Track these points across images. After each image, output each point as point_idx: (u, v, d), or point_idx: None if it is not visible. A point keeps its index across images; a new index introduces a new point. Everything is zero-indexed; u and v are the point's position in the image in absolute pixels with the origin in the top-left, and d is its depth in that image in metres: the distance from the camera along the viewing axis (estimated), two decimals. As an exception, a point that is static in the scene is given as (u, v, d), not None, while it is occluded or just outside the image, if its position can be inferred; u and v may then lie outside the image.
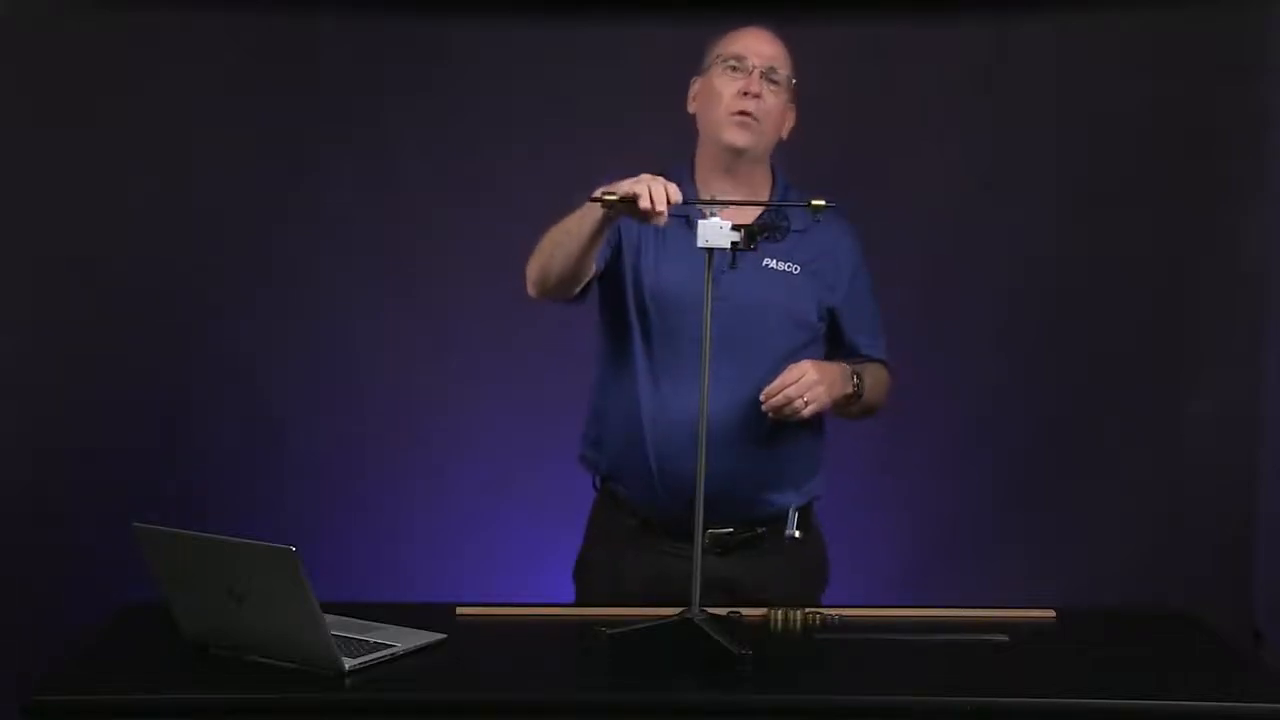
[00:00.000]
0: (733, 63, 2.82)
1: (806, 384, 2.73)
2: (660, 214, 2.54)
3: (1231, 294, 3.99)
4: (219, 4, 3.84)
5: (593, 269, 2.78)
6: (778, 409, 2.73)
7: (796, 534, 2.79)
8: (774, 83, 2.83)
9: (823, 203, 2.57)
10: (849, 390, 2.83)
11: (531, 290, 2.83)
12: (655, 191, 2.53)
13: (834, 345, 2.93)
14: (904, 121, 3.96)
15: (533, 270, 2.80)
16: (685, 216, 2.72)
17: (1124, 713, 2.30)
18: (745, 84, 2.81)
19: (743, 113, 2.81)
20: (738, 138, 2.83)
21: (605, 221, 2.64)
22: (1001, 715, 2.29)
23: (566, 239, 2.71)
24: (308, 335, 3.98)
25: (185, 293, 3.92)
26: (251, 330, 3.95)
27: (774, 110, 2.84)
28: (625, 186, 2.57)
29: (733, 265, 2.48)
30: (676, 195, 2.56)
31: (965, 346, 4.00)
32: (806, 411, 2.74)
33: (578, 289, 2.80)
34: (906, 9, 3.88)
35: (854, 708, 2.30)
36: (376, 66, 3.92)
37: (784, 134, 2.90)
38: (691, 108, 2.91)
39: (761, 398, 2.74)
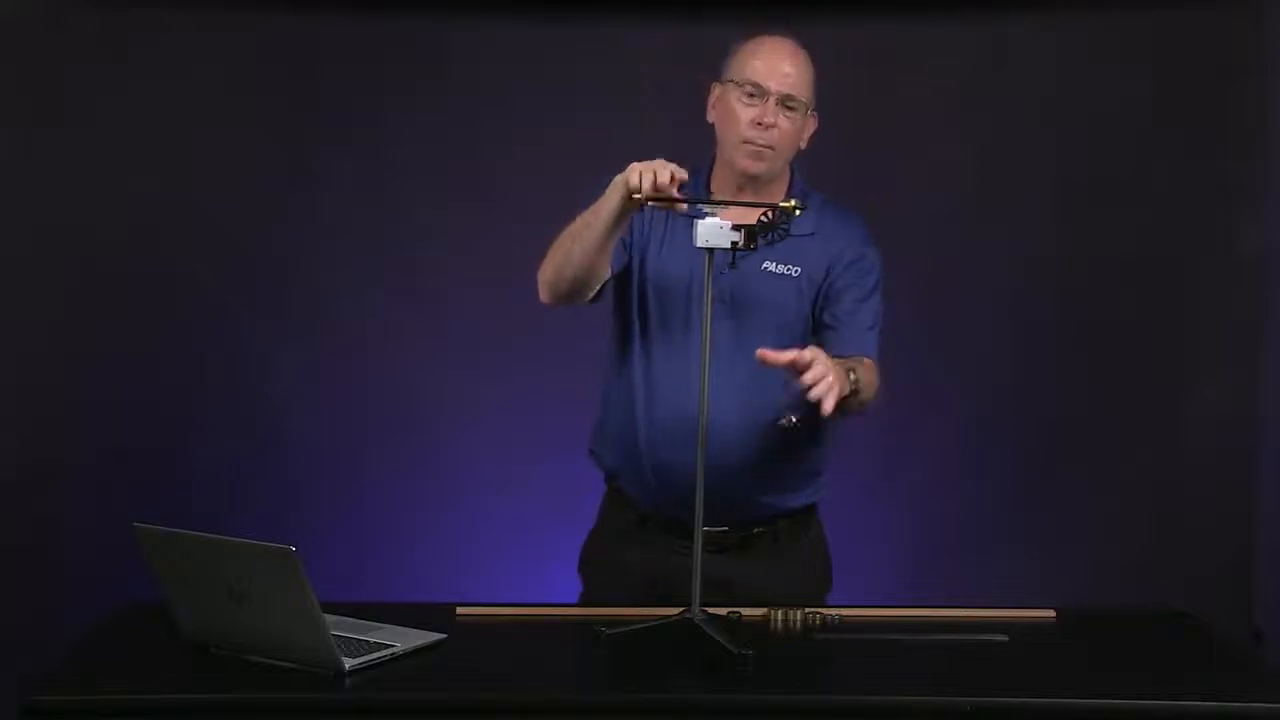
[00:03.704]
0: (749, 89, 2.78)
1: (821, 372, 2.50)
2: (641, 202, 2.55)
3: (1231, 294, 3.99)
4: (219, 4, 3.84)
5: (608, 270, 2.76)
6: (816, 384, 2.48)
7: (795, 419, 2.72)
8: (791, 109, 2.80)
9: (792, 204, 2.54)
10: (846, 391, 2.68)
11: (544, 294, 2.79)
12: (643, 179, 2.54)
13: (821, 324, 2.81)
14: (904, 122, 3.96)
15: (547, 270, 2.77)
16: (690, 217, 2.71)
17: (1124, 713, 2.30)
18: (760, 113, 2.77)
19: (755, 143, 2.79)
20: (750, 167, 2.81)
21: (623, 210, 2.61)
22: (1001, 715, 2.29)
23: (585, 231, 2.68)
24: (308, 335, 3.99)
25: (186, 293, 3.92)
26: (252, 330, 3.95)
27: (790, 133, 2.81)
28: (632, 171, 2.57)
29: (732, 266, 2.47)
30: (681, 174, 2.56)
31: (965, 346, 4.00)
32: (828, 405, 2.49)
33: (591, 292, 2.78)
34: (906, 9, 3.88)
35: (854, 708, 2.30)
36: (376, 66, 3.92)
37: (803, 144, 2.86)
38: (710, 117, 2.87)
39: (808, 380, 2.47)
